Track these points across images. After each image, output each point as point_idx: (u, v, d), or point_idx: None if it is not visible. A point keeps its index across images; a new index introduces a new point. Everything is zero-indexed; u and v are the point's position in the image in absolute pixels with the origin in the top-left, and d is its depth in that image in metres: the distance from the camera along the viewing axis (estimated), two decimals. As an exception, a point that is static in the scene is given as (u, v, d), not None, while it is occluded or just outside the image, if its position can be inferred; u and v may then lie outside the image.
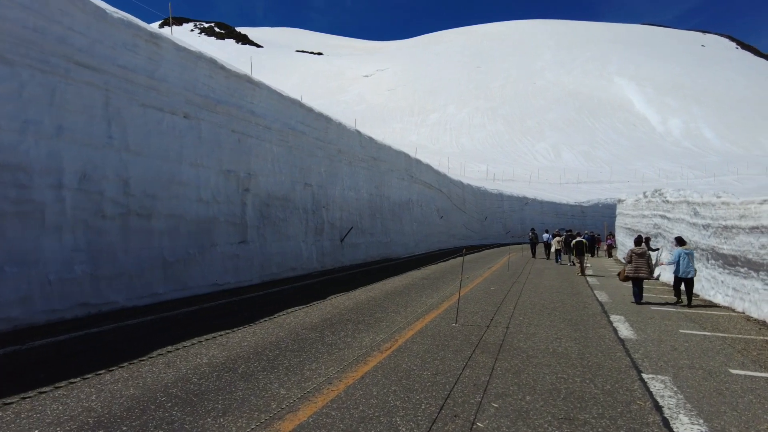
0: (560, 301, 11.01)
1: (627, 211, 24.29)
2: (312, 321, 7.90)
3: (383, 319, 8.20)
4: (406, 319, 8.30)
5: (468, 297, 11.08)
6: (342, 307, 9.18)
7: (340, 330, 7.35)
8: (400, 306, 9.52)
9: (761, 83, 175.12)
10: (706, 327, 8.65)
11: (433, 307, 9.46)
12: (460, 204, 36.77)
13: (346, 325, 7.70)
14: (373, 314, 8.60)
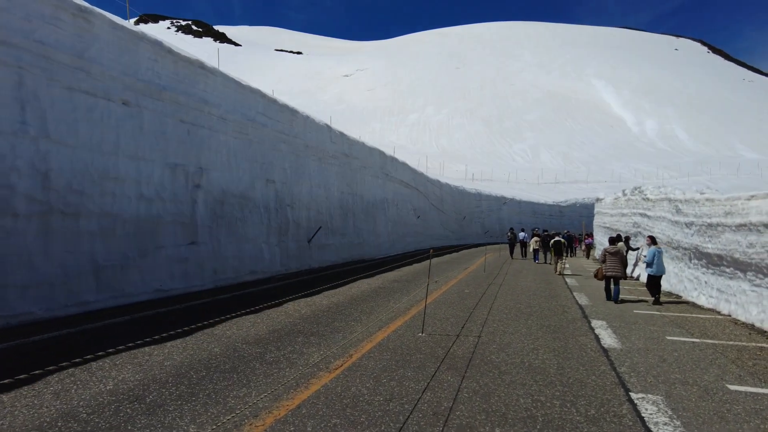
0: (537, 305, 10.26)
1: (606, 209, 23.87)
2: (257, 333, 6.92)
3: (341, 329, 7.28)
4: (368, 328, 7.39)
5: (440, 301, 10.24)
6: (297, 315, 8.22)
7: (288, 344, 6.40)
8: (363, 313, 8.61)
9: (730, 86, 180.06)
10: (694, 333, 7.97)
11: (400, 314, 8.58)
12: (438, 204, 36.08)
13: (296, 337, 6.75)
14: (330, 323, 7.67)
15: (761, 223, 8.41)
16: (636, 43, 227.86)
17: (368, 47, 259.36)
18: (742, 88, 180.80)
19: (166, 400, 4.34)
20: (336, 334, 6.93)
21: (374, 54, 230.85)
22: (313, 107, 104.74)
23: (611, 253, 11.63)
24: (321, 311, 8.59)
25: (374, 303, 9.62)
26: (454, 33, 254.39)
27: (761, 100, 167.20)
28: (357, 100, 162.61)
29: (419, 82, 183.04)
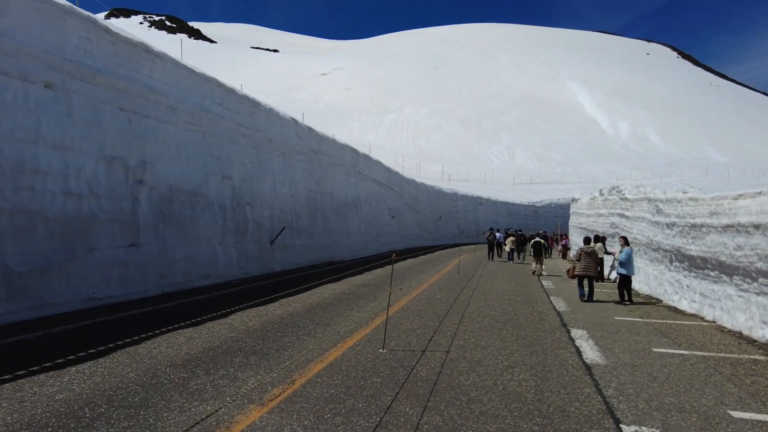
0: (513, 312, 9.50)
1: (582, 210, 23.46)
2: (189, 352, 5.92)
3: (290, 346, 6.34)
4: (321, 344, 6.46)
5: (408, 309, 9.38)
6: (243, 328, 7.23)
7: (222, 366, 5.43)
8: (320, 324, 7.68)
9: (699, 91, 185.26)
10: (681, 343, 7.30)
11: (362, 325, 7.68)
12: (414, 203, 35.34)
13: (233, 357, 5.78)
14: (279, 339, 6.72)
15: (750, 224, 7.81)
16: (609, 47, 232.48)
17: (346, 46, 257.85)
18: (709, 93, 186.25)
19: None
20: (282, 353, 5.98)
21: (352, 53, 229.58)
22: (290, 106, 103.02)
23: (587, 252, 11.76)
24: (272, 323, 7.61)
25: (334, 312, 8.69)
26: (433, 34, 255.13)
27: (727, 105, 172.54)
28: (335, 99, 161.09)
29: (398, 82, 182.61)
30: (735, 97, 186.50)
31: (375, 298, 10.34)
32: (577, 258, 12.17)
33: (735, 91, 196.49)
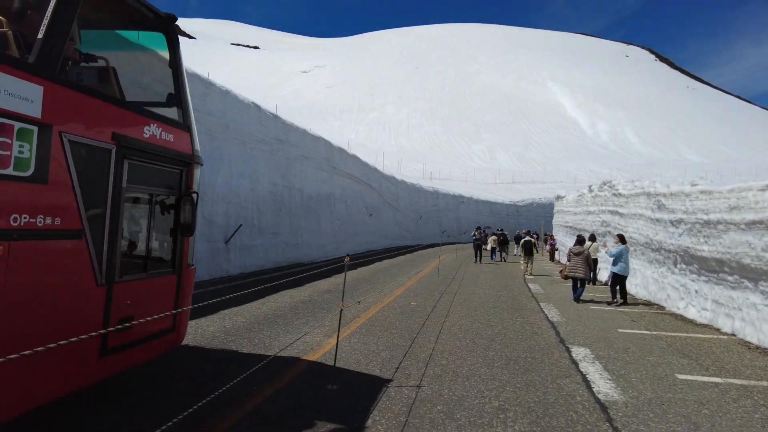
0: (500, 324, 8.04)
1: (568, 208, 22.28)
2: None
3: (197, 384, 4.73)
4: (250, 376, 4.85)
5: (376, 321, 7.84)
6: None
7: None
8: (258, 345, 6.07)
9: (676, 93, 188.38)
10: (707, 366, 5.92)
11: (314, 346, 6.10)
12: (393, 201, 33.84)
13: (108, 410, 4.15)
14: (188, 374, 5.10)
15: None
16: (589, 49, 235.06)
17: (327, 44, 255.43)
18: (686, 95, 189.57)
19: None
20: (169, 401, 4.35)
21: (334, 51, 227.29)
22: (269, 102, 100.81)
23: (575, 253, 11.30)
24: (187, 349, 5.95)
25: (282, 328, 7.09)
26: (414, 33, 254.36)
27: (703, 107, 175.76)
28: (315, 97, 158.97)
29: (379, 80, 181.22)
30: (710, 100, 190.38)
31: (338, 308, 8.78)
32: (568, 258, 11.62)
33: (710, 94, 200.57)
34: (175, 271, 4.63)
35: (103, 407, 3.96)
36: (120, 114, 3.91)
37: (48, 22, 3.18)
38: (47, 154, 3.08)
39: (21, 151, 2.91)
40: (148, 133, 4.16)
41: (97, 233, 3.58)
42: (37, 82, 3.02)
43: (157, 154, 4.29)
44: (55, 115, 3.16)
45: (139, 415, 3.85)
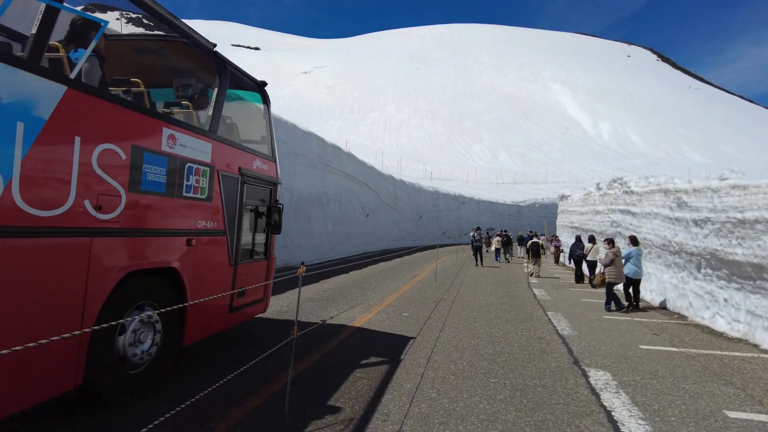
0: (503, 339, 6.95)
1: (573, 207, 21.17)
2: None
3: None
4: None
5: (358, 339, 6.76)
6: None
7: None
8: (198, 380, 5.02)
9: (678, 93, 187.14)
10: (761, 398, 4.81)
11: (254, 390, 5.01)
12: (392, 202, 32.76)
13: None
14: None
15: None
16: (590, 49, 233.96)
17: (328, 45, 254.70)
18: (688, 95, 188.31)
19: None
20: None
21: (334, 52, 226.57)
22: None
23: (617, 255, 10.18)
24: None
25: (223, 359, 6.01)
26: (415, 33, 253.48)
27: (705, 107, 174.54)
28: (316, 97, 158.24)
29: (380, 81, 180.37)
30: (713, 100, 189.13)
31: (319, 320, 7.69)
32: (608, 262, 10.20)
33: (713, 94, 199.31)
34: (266, 258, 6.54)
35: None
36: (242, 155, 5.81)
37: (213, 113, 5.12)
38: (212, 184, 4.97)
39: (203, 183, 4.79)
40: (255, 166, 6.10)
41: (231, 232, 5.41)
42: (208, 141, 4.93)
43: (260, 179, 6.21)
44: (215, 160, 5.03)
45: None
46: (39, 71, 3.10)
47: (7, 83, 2.86)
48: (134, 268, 3.97)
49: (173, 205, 4.44)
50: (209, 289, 5.00)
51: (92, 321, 3.51)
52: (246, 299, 5.92)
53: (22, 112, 2.96)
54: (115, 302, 3.77)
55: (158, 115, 4.45)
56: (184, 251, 4.62)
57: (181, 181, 4.51)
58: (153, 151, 4.16)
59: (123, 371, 3.98)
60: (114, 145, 3.72)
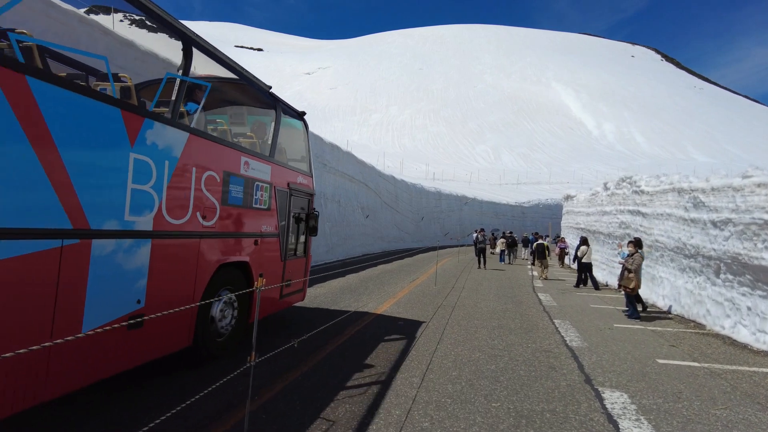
0: (507, 352, 6.32)
1: (579, 208, 20.50)
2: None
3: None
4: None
5: (347, 349, 6.14)
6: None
7: None
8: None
9: (682, 93, 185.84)
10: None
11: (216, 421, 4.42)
12: (392, 202, 32.13)
13: None
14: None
15: None
16: (594, 49, 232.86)
17: (330, 46, 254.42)
18: (692, 95, 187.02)
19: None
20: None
21: (336, 53, 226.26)
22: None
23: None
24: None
25: (183, 381, 5.41)
26: (417, 34, 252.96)
27: (710, 107, 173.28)
28: (318, 98, 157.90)
29: (382, 82, 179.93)
30: (717, 99, 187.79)
31: (303, 330, 7.09)
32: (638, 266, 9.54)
33: (717, 94, 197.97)
34: (305, 255, 7.83)
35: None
36: (290, 172, 7.10)
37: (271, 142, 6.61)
38: (270, 197, 6.34)
39: (265, 197, 6.18)
40: (298, 180, 7.37)
41: (282, 234, 6.76)
42: (268, 164, 6.30)
43: (301, 191, 7.46)
44: (273, 178, 6.41)
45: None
46: (176, 125, 4.43)
47: (161, 135, 4.16)
48: (224, 261, 5.31)
49: (247, 214, 5.77)
50: (268, 279, 6.04)
51: (199, 298, 4.80)
52: (291, 289, 7.30)
53: (167, 153, 4.27)
54: (212, 286, 5.09)
55: (239, 147, 5.77)
56: (252, 249, 5.96)
57: (252, 195, 5.86)
58: (236, 174, 5.48)
59: (213, 338, 5.27)
60: (213, 172, 5.01)
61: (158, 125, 4.12)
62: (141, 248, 4.00)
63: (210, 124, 5.98)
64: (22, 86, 2.91)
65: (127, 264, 3.87)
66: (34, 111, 3.00)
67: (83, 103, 3.41)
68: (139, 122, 3.93)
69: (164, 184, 4.20)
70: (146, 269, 4.06)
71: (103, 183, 3.58)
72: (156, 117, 4.15)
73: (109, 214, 3.65)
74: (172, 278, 4.45)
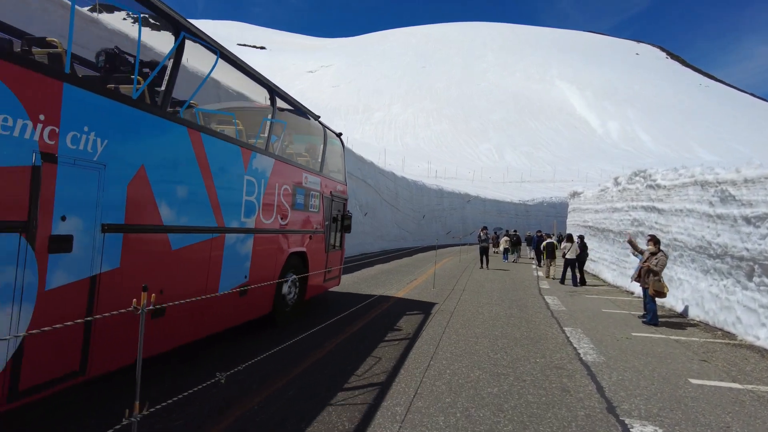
0: (512, 370, 5.38)
1: (587, 205, 19.50)
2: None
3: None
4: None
5: (327, 364, 5.22)
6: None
7: None
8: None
9: (687, 91, 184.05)
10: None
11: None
12: (392, 200, 31.16)
13: None
14: None
15: None
16: (598, 47, 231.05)
17: (333, 44, 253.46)
18: (698, 93, 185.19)
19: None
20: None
21: (339, 51, 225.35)
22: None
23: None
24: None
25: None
26: (420, 33, 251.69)
27: (716, 104, 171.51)
28: (321, 96, 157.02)
29: (385, 80, 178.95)
30: (723, 97, 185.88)
31: (282, 340, 6.16)
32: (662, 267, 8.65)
33: (723, 92, 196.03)
34: (341, 248, 9.74)
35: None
36: (331, 183, 8.99)
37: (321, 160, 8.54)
38: (320, 202, 8.06)
39: (316, 202, 7.89)
40: (338, 189, 9.36)
41: (326, 231, 8.55)
42: (319, 177, 8.05)
43: (339, 197, 9.46)
44: (322, 187, 8.19)
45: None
46: (268, 154, 6.26)
47: (260, 161, 5.92)
48: (292, 250, 7.04)
49: (305, 216, 7.50)
50: (317, 266, 8.18)
51: (278, 277, 6.57)
52: (331, 275, 9.14)
53: (263, 174, 6.04)
54: (285, 268, 6.89)
55: (301, 165, 7.56)
56: (308, 242, 7.68)
57: (309, 201, 7.58)
58: (299, 185, 7.19)
59: (283, 308, 6.98)
60: (287, 185, 6.76)
61: (259, 155, 5.97)
62: (248, 240, 5.77)
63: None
64: (198, 139, 4.67)
65: (241, 251, 5.64)
66: (203, 155, 4.74)
67: (223, 145, 5.18)
68: (249, 154, 5.73)
69: (261, 195, 6.00)
70: (250, 255, 5.83)
71: (231, 197, 5.33)
72: (258, 150, 5.99)
73: (234, 217, 5.40)
74: (264, 262, 6.24)
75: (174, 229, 4.33)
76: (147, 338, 3.69)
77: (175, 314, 4.34)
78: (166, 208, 4.20)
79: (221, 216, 5.05)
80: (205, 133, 4.83)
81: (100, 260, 3.51)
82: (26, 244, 2.93)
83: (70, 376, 3.31)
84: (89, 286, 3.41)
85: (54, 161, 3.10)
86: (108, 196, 3.55)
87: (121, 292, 3.66)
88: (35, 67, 3.06)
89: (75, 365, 3.35)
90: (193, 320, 4.79)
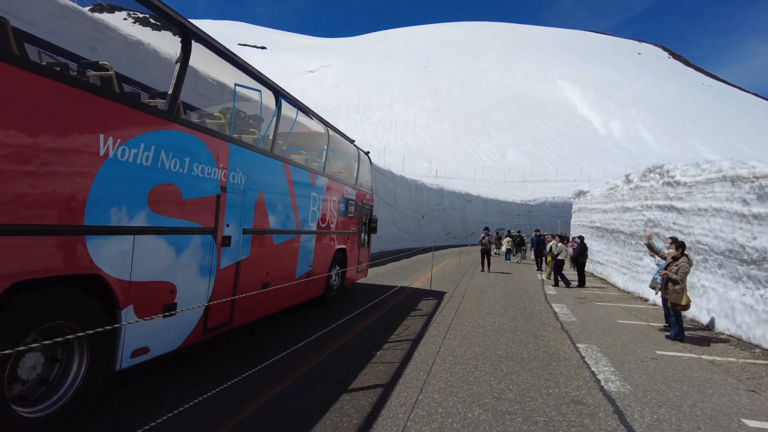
0: (521, 410, 4.31)
1: (594, 204, 18.42)
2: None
3: None
4: None
5: (278, 403, 4.18)
6: None
7: None
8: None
9: (689, 91, 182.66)
10: None
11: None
12: (391, 200, 30.08)
13: None
14: None
15: None
16: (600, 47, 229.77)
17: (334, 44, 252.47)
18: (700, 92, 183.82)
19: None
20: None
21: (340, 51, 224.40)
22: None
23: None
24: None
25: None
26: (421, 32, 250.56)
27: (718, 104, 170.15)
28: (322, 96, 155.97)
29: (386, 79, 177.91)
30: (725, 97, 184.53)
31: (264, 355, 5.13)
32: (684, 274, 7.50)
33: (725, 91, 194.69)
34: (367, 246, 11.60)
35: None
36: (363, 193, 11.00)
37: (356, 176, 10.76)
38: (355, 209, 10.30)
39: (352, 209, 10.11)
40: (367, 197, 11.35)
41: (358, 232, 10.67)
42: (354, 189, 10.31)
43: (368, 204, 11.44)
44: (357, 198, 10.44)
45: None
46: (324, 174, 8.41)
47: (320, 181, 8.07)
48: (337, 247, 9.23)
49: (345, 220, 9.61)
50: (353, 260, 10.27)
51: (328, 269, 8.78)
52: (361, 268, 11.07)
53: (321, 189, 8.11)
54: (332, 262, 9.02)
55: (343, 180, 9.68)
56: (347, 240, 9.81)
57: (348, 208, 9.71)
58: (342, 196, 9.41)
59: (330, 292, 9.09)
60: (335, 197, 8.93)
61: (320, 176, 8.05)
62: (312, 240, 7.75)
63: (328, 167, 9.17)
64: (288, 169, 6.76)
65: (308, 247, 7.62)
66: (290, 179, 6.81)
67: (300, 171, 7.23)
68: (314, 176, 7.80)
69: (320, 205, 8.03)
70: (313, 250, 7.82)
71: (304, 208, 7.33)
72: (318, 171, 8.06)
73: (306, 223, 7.46)
74: (321, 256, 8.22)
75: (275, 231, 6.37)
76: (257, 304, 6.00)
77: (275, 290, 6.20)
78: (272, 217, 6.24)
79: (299, 222, 7.15)
80: (292, 164, 6.94)
81: (240, 252, 5.40)
82: (213, 241, 4.82)
83: (226, 324, 5.21)
84: (236, 268, 5.31)
85: (225, 191, 4.96)
86: (245, 211, 5.48)
87: (249, 272, 5.62)
88: (218, 135, 4.94)
89: (227, 318, 5.24)
90: (283, 294, 6.66)
